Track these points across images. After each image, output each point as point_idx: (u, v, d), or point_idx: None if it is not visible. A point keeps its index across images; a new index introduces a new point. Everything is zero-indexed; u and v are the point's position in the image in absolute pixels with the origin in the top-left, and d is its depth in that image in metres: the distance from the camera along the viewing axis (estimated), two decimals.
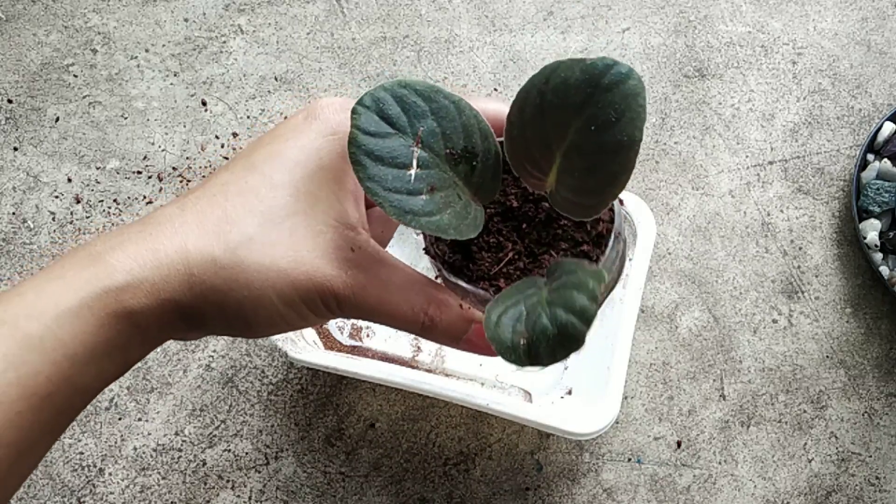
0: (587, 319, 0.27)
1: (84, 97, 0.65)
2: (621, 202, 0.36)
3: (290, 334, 0.54)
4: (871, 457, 0.59)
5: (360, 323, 0.60)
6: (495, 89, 0.65)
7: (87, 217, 0.62)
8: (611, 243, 0.34)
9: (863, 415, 0.60)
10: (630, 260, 0.54)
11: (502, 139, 0.33)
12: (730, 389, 0.60)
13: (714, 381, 0.60)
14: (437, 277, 0.37)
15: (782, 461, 0.59)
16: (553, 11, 0.68)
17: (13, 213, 0.62)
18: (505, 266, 0.34)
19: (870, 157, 0.63)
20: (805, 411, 0.60)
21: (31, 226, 0.62)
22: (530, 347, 0.28)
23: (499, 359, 0.35)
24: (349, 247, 0.32)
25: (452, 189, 0.32)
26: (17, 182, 0.63)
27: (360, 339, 0.59)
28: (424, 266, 0.55)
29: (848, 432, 0.59)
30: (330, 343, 0.59)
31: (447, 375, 0.57)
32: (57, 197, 0.62)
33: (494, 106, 0.34)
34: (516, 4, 0.68)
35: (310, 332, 0.58)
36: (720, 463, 0.58)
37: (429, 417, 0.59)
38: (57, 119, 0.64)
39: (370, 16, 0.67)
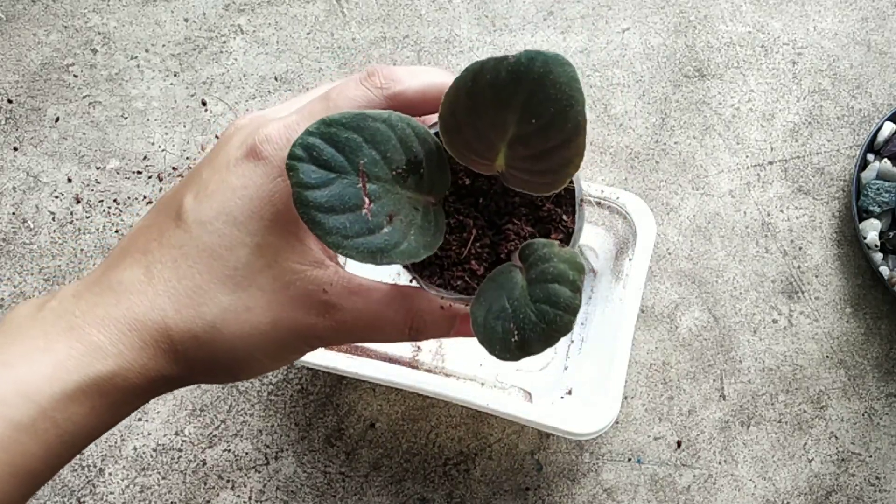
0: (574, 310, 0.28)
1: (84, 97, 0.65)
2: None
3: None
4: (871, 457, 0.59)
5: None
6: None
7: (87, 217, 0.62)
8: (577, 213, 0.34)
9: (863, 415, 0.60)
10: (630, 260, 0.54)
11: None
12: (730, 389, 0.60)
13: (714, 381, 0.60)
14: (411, 280, 0.36)
15: (782, 461, 0.59)
16: (553, 11, 0.68)
17: (13, 213, 0.62)
18: (472, 246, 0.34)
19: (870, 157, 0.63)
20: (805, 411, 0.60)
21: (31, 226, 0.62)
22: (522, 342, 0.28)
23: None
24: (321, 288, 0.32)
25: (409, 206, 0.31)
26: (17, 182, 0.63)
27: None
28: None
29: (848, 432, 0.59)
30: None
31: (447, 375, 0.57)
32: (57, 197, 0.62)
33: (437, 79, 0.33)
34: (516, 4, 0.68)
35: None
36: (720, 463, 0.58)
37: (429, 417, 0.59)
38: (57, 119, 0.64)
39: (370, 16, 0.67)
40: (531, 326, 0.28)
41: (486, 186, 0.35)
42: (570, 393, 0.56)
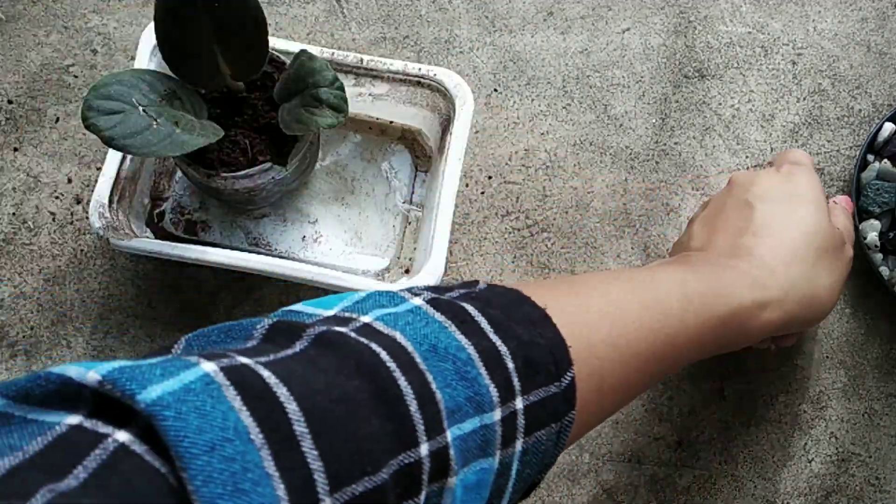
0: (333, 79, 0.48)
1: (84, 98, 0.65)
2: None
3: (112, 223, 0.54)
4: (871, 457, 0.59)
5: (195, 217, 0.61)
6: (495, 90, 0.65)
7: (88, 217, 0.62)
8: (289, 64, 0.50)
9: (863, 415, 0.60)
10: (450, 134, 0.56)
11: None
12: (730, 389, 0.60)
13: (714, 381, 0.60)
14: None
15: (782, 461, 0.59)
16: (553, 12, 0.68)
17: (13, 214, 0.62)
18: (251, 149, 0.51)
19: (870, 157, 0.63)
20: (805, 411, 0.60)
21: (31, 226, 0.62)
22: (332, 110, 0.47)
23: (361, 253, 0.57)
24: None
25: (185, 118, 0.45)
26: (18, 182, 0.63)
27: (197, 235, 0.60)
28: None
29: (848, 433, 0.59)
30: (165, 239, 0.59)
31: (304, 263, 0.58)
32: (57, 197, 0.62)
33: None
34: (516, 4, 0.68)
35: (140, 227, 0.59)
36: (720, 463, 0.58)
37: None
38: (57, 119, 0.64)
39: (370, 16, 0.67)
40: (330, 100, 0.47)
41: (236, 106, 0.51)
42: (407, 272, 0.59)
